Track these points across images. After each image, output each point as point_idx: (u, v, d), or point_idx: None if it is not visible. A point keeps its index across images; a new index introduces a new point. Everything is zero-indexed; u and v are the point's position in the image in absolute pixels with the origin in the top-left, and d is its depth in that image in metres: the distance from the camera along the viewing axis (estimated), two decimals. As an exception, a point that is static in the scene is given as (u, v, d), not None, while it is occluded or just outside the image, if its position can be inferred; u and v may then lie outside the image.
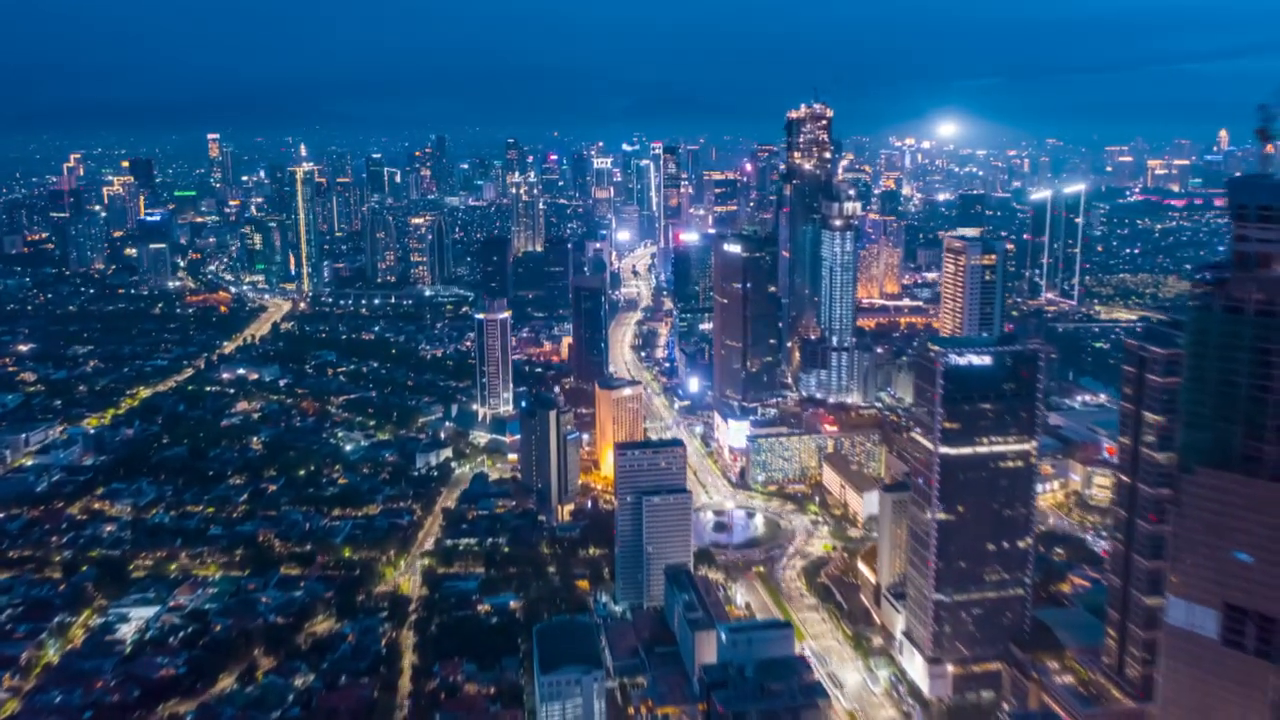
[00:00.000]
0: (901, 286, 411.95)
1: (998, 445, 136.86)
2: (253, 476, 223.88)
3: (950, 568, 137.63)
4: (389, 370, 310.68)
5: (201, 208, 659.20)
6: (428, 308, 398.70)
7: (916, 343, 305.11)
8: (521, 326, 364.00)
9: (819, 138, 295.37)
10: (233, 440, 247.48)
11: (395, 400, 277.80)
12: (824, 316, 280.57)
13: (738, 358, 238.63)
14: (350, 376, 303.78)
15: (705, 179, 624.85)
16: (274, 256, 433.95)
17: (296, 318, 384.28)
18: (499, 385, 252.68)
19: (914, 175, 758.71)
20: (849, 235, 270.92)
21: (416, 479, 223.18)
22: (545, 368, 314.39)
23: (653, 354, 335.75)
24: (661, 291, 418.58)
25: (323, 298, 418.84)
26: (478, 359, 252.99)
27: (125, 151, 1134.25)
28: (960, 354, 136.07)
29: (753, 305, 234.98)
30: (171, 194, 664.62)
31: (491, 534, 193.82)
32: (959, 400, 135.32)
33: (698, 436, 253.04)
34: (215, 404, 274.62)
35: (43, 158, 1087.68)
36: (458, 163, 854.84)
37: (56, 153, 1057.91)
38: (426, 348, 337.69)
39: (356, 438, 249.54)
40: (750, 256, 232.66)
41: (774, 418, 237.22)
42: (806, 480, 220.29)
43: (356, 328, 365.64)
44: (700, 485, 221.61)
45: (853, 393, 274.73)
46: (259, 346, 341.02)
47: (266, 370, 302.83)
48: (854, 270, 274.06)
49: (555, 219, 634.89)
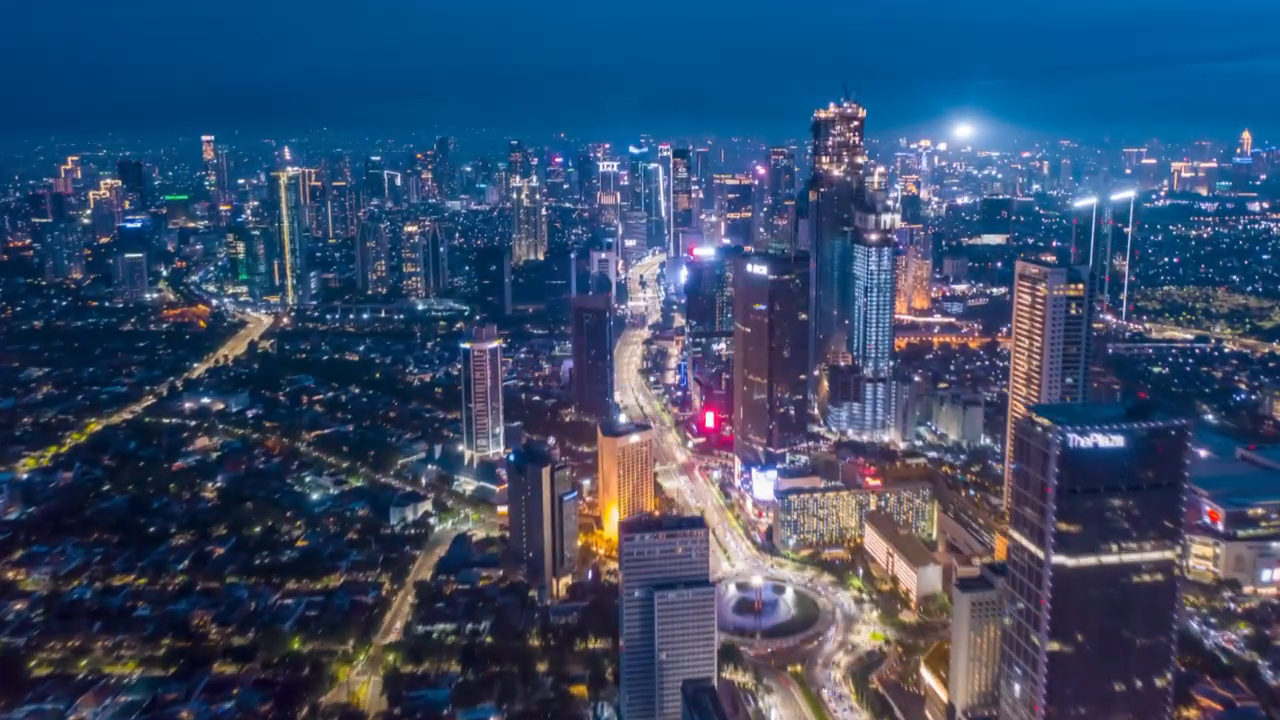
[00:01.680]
0: (931, 300, 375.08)
1: (1131, 553, 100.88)
2: (199, 535, 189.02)
3: (1065, 713, 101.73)
4: (370, 398, 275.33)
5: (197, 212, 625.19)
6: (419, 324, 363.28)
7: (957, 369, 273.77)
8: (519, 346, 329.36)
9: (850, 141, 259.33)
10: (184, 486, 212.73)
11: (374, 436, 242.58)
12: (856, 342, 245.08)
13: (762, 395, 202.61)
14: (327, 406, 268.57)
15: (716, 183, 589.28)
16: (258, 267, 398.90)
17: (277, 335, 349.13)
18: (488, 424, 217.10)
19: (930, 179, 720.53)
20: (886, 252, 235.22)
21: (389, 539, 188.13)
22: (544, 395, 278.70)
23: (662, 378, 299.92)
24: (671, 305, 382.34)
25: (308, 311, 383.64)
26: (464, 394, 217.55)
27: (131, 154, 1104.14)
28: (1082, 432, 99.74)
29: (780, 336, 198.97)
30: (163, 198, 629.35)
31: (472, 616, 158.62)
32: (1080, 494, 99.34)
33: (715, 483, 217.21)
34: (171, 440, 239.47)
35: (46, 160, 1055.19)
36: (460, 165, 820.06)
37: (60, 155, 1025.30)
38: (414, 371, 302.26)
39: (325, 484, 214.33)
40: (778, 280, 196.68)
41: (805, 466, 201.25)
42: (845, 543, 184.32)
43: (340, 347, 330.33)
44: (719, 548, 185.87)
45: (889, 429, 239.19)
46: (232, 369, 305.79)
47: (234, 399, 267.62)
48: (891, 291, 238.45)
49: (560, 224, 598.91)
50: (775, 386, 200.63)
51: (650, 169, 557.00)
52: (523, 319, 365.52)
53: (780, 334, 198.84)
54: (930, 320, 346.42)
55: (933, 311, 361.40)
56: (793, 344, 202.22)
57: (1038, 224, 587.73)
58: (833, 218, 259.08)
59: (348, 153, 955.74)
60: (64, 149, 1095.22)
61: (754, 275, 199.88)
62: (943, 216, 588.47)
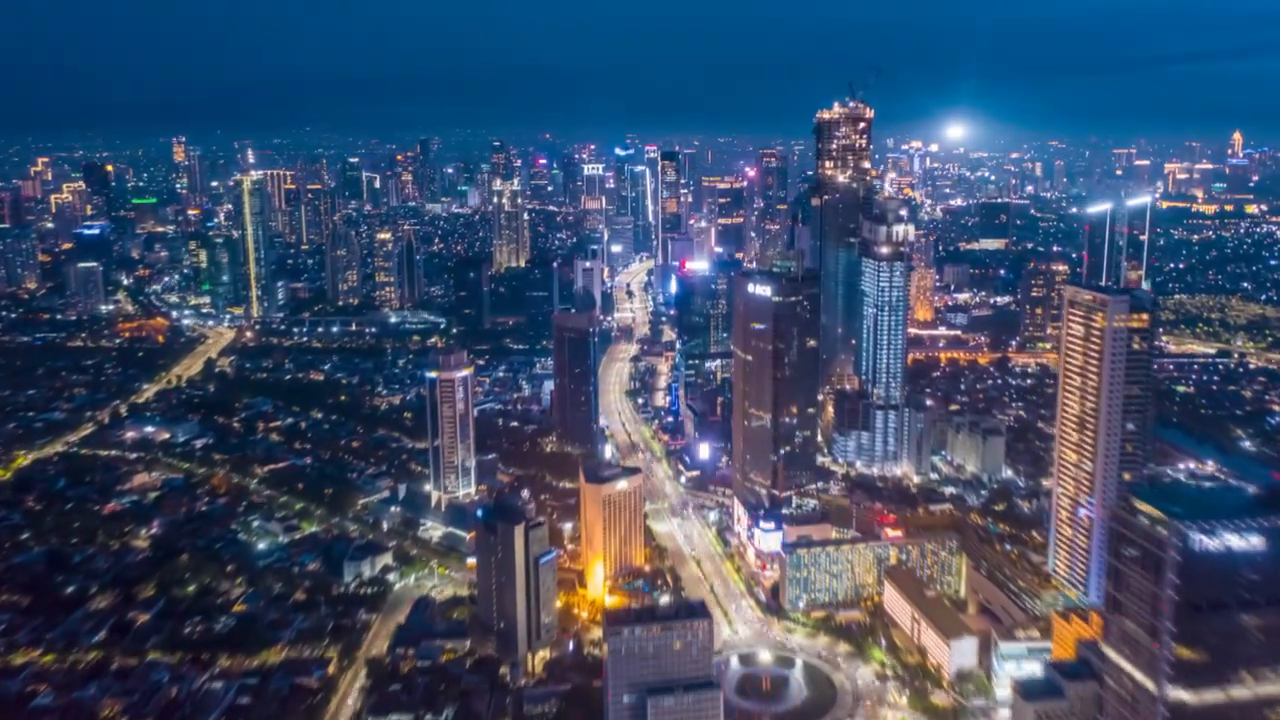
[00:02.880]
0: (935, 311, 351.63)
1: (1269, 684, 76.75)
2: (123, 596, 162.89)
3: None
4: (333, 425, 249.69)
5: (168, 215, 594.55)
6: (391, 338, 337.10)
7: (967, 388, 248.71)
8: (497, 363, 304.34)
9: (856, 144, 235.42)
10: (113, 534, 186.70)
11: (333, 471, 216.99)
12: (864, 364, 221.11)
13: (765, 431, 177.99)
14: (285, 434, 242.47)
15: (704, 185, 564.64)
16: (220, 276, 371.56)
17: (238, 351, 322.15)
18: (457, 461, 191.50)
19: (922, 181, 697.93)
20: (898, 267, 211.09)
21: (342, 600, 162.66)
22: (523, 420, 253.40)
23: (651, 399, 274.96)
24: (660, 317, 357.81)
25: (273, 325, 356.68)
26: (430, 428, 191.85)
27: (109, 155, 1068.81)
28: (1209, 530, 75.49)
29: (786, 365, 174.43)
30: (131, 202, 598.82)
31: (432, 704, 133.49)
32: (1206, 610, 75.32)
33: (711, 526, 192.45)
34: (106, 478, 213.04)
35: (20, 161, 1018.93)
36: (443, 166, 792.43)
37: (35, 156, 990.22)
38: (383, 393, 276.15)
39: (274, 531, 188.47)
40: (784, 302, 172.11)
41: (814, 512, 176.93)
42: (862, 603, 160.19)
43: (305, 365, 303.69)
44: (718, 607, 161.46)
45: (901, 462, 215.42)
46: (184, 391, 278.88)
47: (182, 427, 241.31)
48: (904, 310, 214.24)
49: (543, 228, 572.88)
50: (780, 422, 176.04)
51: (637, 171, 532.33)
52: (501, 333, 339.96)
53: (786, 363, 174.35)
54: (935, 333, 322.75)
55: (937, 323, 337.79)
56: (800, 374, 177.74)
57: (1035, 227, 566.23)
58: (837, 227, 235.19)
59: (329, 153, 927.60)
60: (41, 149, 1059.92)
61: (756, 296, 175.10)
62: (938, 221, 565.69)
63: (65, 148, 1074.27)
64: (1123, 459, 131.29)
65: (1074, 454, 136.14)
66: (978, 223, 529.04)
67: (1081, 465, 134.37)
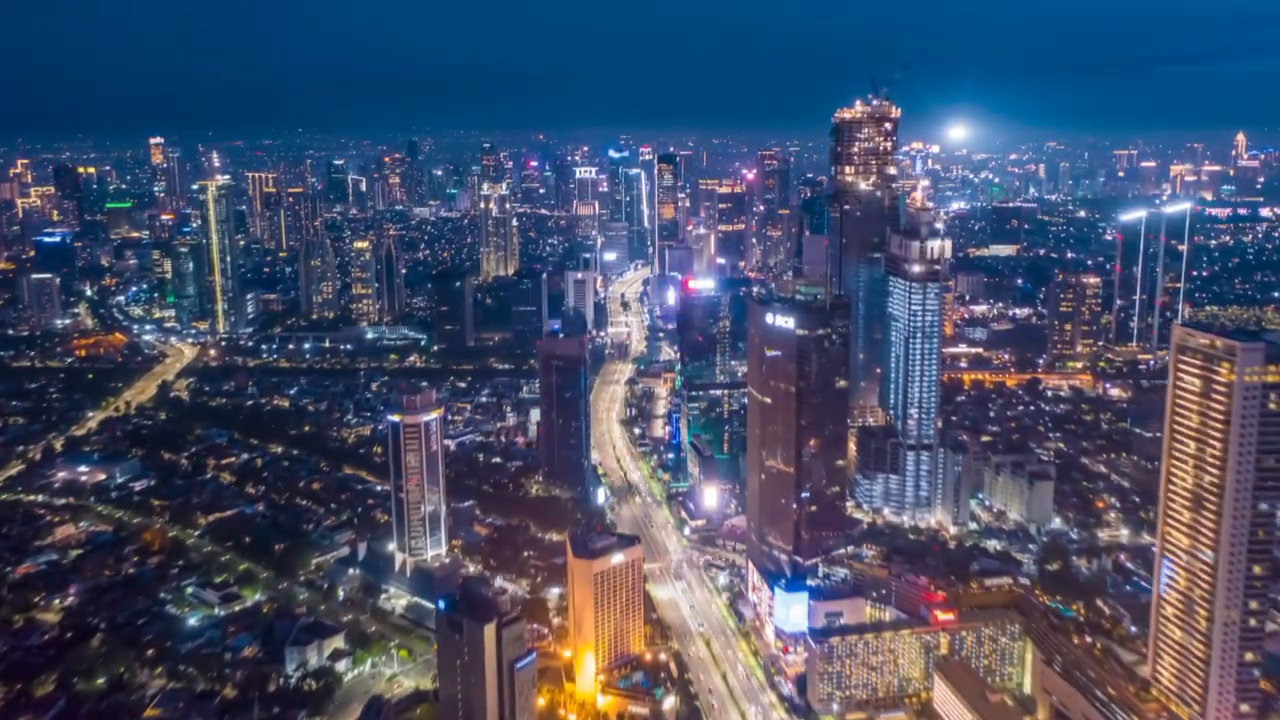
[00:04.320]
0: (952, 325, 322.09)
1: None
2: (16, 694, 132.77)
3: None
4: (293, 462, 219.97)
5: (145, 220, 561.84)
6: (367, 356, 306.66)
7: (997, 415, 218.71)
8: (480, 386, 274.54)
9: (880, 147, 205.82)
10: (18, 608, 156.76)
11: (287, 521, 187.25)
12: (891, 397, 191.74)
13: (787, 488, 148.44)
14: (237, 473, 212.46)
15: (702, 189, 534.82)
16: (185, 288, 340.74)
17: (197, 372, 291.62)
18: (424, 518, 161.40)
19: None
20: (933, 288, 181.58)
21: (280, 698, 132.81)
22: (506, 456, 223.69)
23: (649, 428, 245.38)
24: (658, 332, 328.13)
25: (240, 341, 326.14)
26: (392, 479, 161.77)
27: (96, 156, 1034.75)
28: None
29: (812, 411, 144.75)
30: (105, 206, 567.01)
31: None
32: None
33: (722, 593, 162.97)
34: (25, 530, 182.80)
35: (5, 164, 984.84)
36: (432, 168, 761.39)
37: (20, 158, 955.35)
38: (352, 422, 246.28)
39: (210, 601, 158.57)
40: (810, 336, 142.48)
41: (846, 583, 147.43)
42: (909, 701, 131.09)
43: (269, 388, 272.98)
44: (734, 707, 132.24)
45: (935, 509, 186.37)
46: (131, 420, 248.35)
47: (122, 466, 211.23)
48: (939, 337, 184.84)
49: (534, 233, 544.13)
50: (804, 476, 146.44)
51: (632, 174, 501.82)
52: (486, 351, 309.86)
53: (811, 407, 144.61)
54: (955, 350, 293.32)
55: (956, 339, 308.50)
56: (827, 420, 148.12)
57: (1044, 232, 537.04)
58: (859, 241, 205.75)
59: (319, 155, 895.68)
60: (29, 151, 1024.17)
61: (776, 329, 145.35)
62: (946, 226, 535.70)
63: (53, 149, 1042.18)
64: (1252, 548, 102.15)
65: (1186, 538, 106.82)
66: (985, 227, 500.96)
67: (1198, 553, 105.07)
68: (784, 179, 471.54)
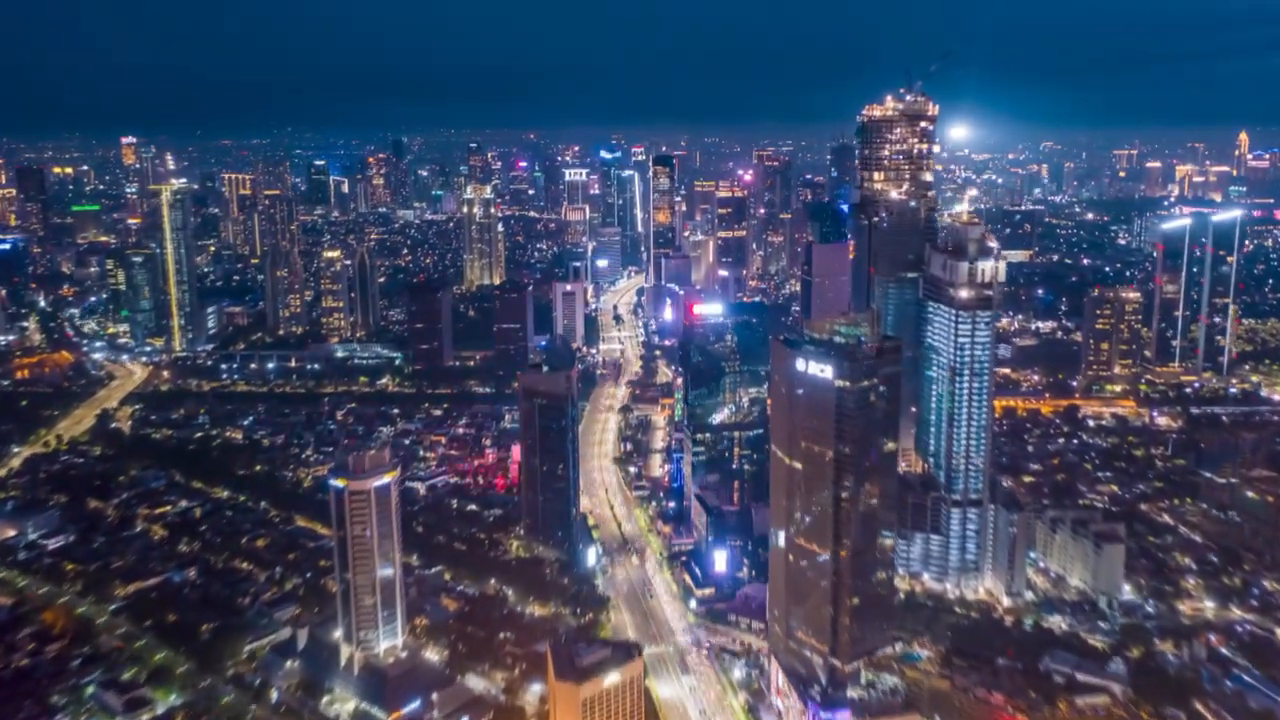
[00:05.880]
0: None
1: None
2: None
3: None
4: (238, 511, 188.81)
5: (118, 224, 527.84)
6: (335, 379, 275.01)
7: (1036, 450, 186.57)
8: (458, 413, 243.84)
9: (915, 149, 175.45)
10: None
11: (221, 592, 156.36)
12: (931, 442, 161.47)
13: (822, 575, 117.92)
14: (172, 526, 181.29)
15: (696, 190, 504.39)
16: (139, 301, 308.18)
17: (146, 398, 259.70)
18: (376, 605, 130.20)
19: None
20: (983, 317, 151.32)
21: None
22: (483, 502, 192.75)
23: (646, 467, 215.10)
24: (654, 350, 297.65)
25: (198, 360, 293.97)
26: (336, 559, 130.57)
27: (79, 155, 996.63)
28: None
29: (854, 479, 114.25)
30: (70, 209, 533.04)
31: None
32: None
33: (738, 693, 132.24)
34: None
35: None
36: (418, 169, 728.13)
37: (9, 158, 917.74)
38: (311, 459, 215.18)
39: (113, 708, 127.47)
40: (852, 389, 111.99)
41: (895, 694, 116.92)
42: None
43: (221, 418, 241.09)
44: None
45: (984, 575, 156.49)
46: (61, 458, 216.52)
47: (36, 519, 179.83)
48: (990, 374, 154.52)
49: (522, 236, 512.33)
50: (844, 560, 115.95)
51: (625, 176, 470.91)
52: (466, 373, 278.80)
53: (855, 477, 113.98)
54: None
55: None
56: (873, 490, 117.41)
57: (1054, 236, 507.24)
58: (889, 257, 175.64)
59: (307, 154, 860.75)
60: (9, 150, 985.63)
61: (810, 379, 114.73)
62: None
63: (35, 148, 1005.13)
64: None
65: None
66: (994, 232, 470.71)
67: None
68: (784, 180, 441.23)
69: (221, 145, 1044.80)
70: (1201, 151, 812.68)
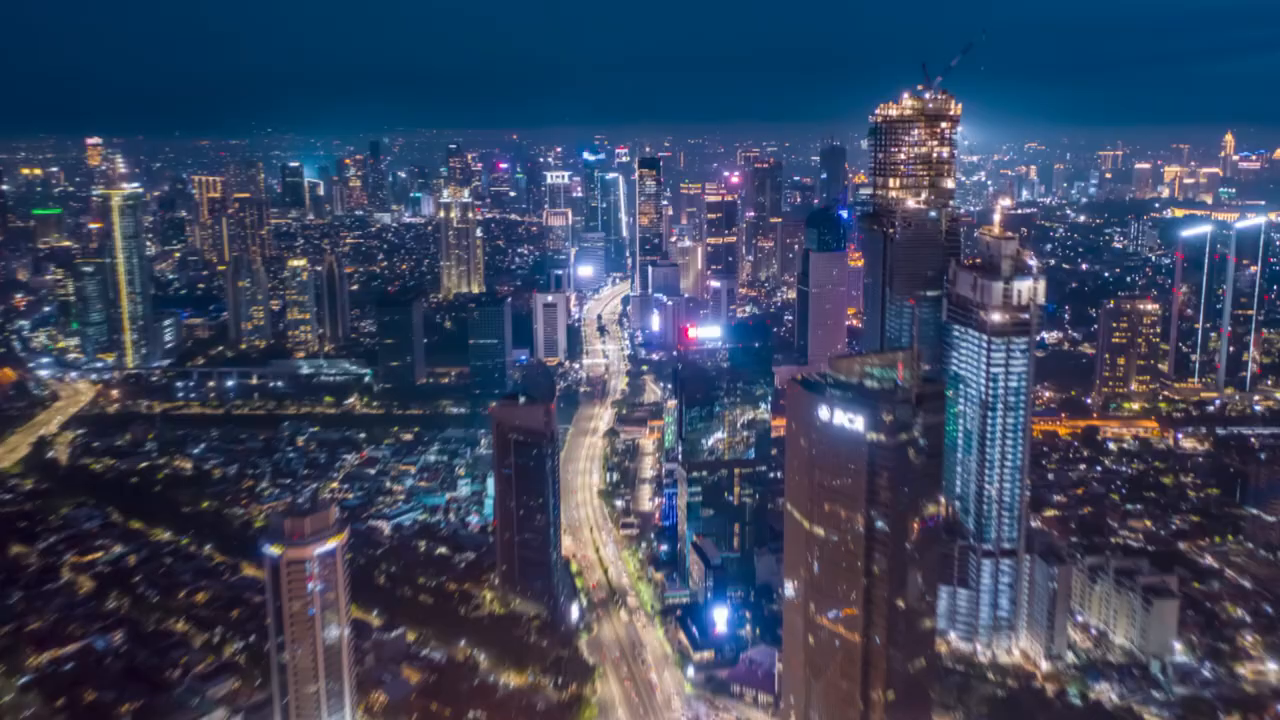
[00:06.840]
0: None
1: None
2: None
3: None
4: (179, 558, 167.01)
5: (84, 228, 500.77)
6: (298, 399, 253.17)
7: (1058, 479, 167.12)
8: (429, 438, 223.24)
9: (934, 153, 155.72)
10: None
11: (149, 662, 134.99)
12: (958, 484, 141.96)
13: (850, 663, 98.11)
14: (101, 577, 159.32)
15: (682, 193, 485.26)
16: (90, 314, 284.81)
17: (90, 421, 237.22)
18: (320, 692, 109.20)
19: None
20: (1019, 344, 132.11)
21: None
22: (454, 546, 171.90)
23: (634, 500, 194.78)
24: (641, 364, 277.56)
25: (151, 378, 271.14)
26: (271, 640, 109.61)
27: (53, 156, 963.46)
28: None
29: (890, 550, 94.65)
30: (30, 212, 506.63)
31: None
32: None
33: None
34: None
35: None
36: (396, 170, 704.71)
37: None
38: (266, 494, 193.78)
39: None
40: (887, 443, 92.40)
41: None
42: None
43: (171, 445, 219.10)
44: None
45: (1019, 634, 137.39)
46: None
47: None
48: (1027, 408, 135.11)
49: (503, 240, 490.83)
50: (877, 643, 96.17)
51: (608, 179, 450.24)
52: (439, 391, 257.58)
53: (892, 552, 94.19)
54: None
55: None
56: (913, 563, 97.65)
57: (1048, 239, 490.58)
58: (905, 273, 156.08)
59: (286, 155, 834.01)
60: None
61: (836, 431, 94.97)
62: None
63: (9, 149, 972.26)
64: None
65: None
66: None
67: None
68: (773, 183, 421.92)
69: (199, 146, 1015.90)
70: (1186, 153, 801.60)
